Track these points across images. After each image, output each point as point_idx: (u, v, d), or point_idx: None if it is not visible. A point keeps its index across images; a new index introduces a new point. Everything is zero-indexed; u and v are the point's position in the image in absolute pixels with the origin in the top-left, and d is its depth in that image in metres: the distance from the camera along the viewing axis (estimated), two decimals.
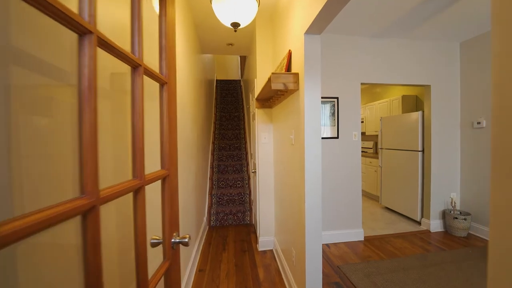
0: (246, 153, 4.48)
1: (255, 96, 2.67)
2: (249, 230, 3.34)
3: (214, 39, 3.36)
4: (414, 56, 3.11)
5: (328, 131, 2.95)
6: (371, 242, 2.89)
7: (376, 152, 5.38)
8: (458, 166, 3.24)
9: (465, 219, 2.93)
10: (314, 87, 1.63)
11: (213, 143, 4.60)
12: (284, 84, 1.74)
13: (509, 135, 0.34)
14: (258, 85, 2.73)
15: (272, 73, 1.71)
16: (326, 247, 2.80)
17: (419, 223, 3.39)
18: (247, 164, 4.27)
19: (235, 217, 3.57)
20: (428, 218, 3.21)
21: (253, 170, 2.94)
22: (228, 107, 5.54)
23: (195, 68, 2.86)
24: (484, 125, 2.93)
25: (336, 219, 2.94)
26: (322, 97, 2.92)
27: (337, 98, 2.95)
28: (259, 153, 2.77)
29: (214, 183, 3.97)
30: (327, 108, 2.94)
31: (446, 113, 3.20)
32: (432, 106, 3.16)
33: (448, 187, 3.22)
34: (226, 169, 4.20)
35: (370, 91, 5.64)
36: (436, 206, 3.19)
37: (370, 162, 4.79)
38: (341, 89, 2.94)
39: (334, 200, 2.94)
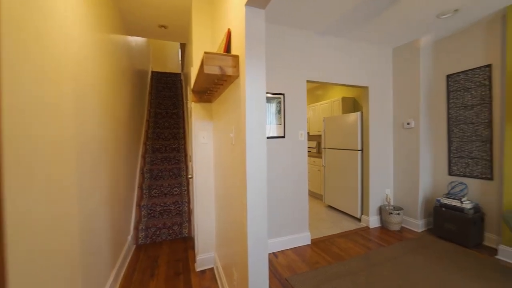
0: (186, 155, 3.94)
1: (191, 87, 2.23)
2: (187, 245, 2.84)
3: (142, 18, 2.76)
4: (355, 57, 3.17)
5: (274, 130, 2.72)
6: (318, 245, 2.79)
7: (319, 152, 5.54)
8: (391, 163, 3.47)
9: (398, 213, 3.12)
10: (258, 73, 1.32)
11: (145, 144, 3.89)
12: (221, 68, 1.37)
13: None
14: (194, 74, 2.29)
15: (205, 53, 1.32)
16: (273, 257, 2.55)
17: (359, 220, 3.51)
18: (187, 168, 3.73)
19: (171, 231, 3.02)
20: (368, 214, 3.33)
21: (190, 175, 2.48)
22: (166, 103, 4.85)
23: (112, 50, 2.23)
24: (413, 126, 3.18)
25: (283, 225, 2.73)
26: (268, 93, 2.67)
27: (283, 94, 2.75)
28: (197, 155, 2.33)
29: (144, 191, 3.31)
30: (273, 105, 2.71)
31: (382, 114, 3.38)
32: (369, 107, 3.29)
33: (383, 184, 3.40)
34: (160, 174, 3.58)
35: (313, 93, 5.80)
36: (374, 203, 3.34)
37: (314, 161, 4.87)
38: (287, 85, 2.76)
39: (281, 205, 2.72)
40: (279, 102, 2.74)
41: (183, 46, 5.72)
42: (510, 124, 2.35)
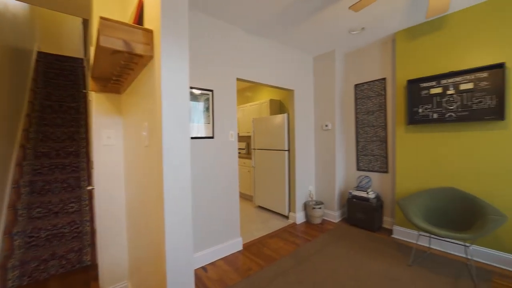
0: (88, 161, 3.14)
1: (92, 73, 1.71)
2: (88, 276, 2.21)
3: None
4: (284, 61, 3.26)
5: (202, 130, 2.45)
6: (250, 249, 2.69)
7: (249, 153, 5.56)
8: (313, 162, 3.76)
9: (320, 207, 3.39)
10: (179, 54, 1.05)
11: (23, 147, 2.87)
12: (127, 44, 1.03)
13: None
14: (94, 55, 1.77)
15: (101, 18, 0.96)
16: (203, 272, 2.27)
17: (287, 217, 3.64)
18: (89, 177, 2.97)
19: (64, 261, 2.29)
20: (294, 211, 3.48)
21: (90, 187, 1.91)
22: (60, 94, 3.78)
23: None
24: (330, 128, 3.52)
25: (213, 234, 2.49)
26: (194, 88, 2.38)
27: (212, 91, 2.52)
28: (100, 160, 1.81)
29: (20, 212, 2.41)
30: (201, 103, 2.44)
31: (305, 116, 3.61)
32: (295, 110, 3.45)
33: (307, 181, 3.65)
34: (48, 187, 2.70)
35: (242, 94, 5.78)
36: (300, 200, 3.53)
37: (244, 163, 4.82)
38: (217, 81, 2.54)
39: (210, 213, 2.47)
40: (207, 99, 2.49)
41: (86, 23, 4.63)
42: (399, 127, 2.88)
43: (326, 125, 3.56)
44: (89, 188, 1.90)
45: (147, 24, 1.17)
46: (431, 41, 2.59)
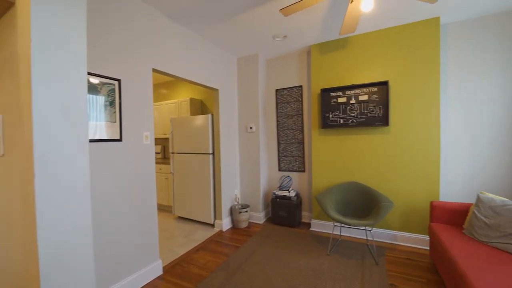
0: None
1: None
2: None
3: None
4: (208, 58, 3.01)
5: (103, 130, 1.88)
6: (173, 271, 2.29)
7: (165, 157, 4.93)
8: (238, 165, 3.68)
9: (246, 211, 3.33)
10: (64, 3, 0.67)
11: None
12: None
13: None
14: None
15: None
16: None
17: (213, 225, 3.39)
18: None
19: None
20: (220, 218, 3.28)
21: None
22: None
23: None
24: (254, 130, 3.53)
25: (123, 263, 1.95)
26: (93, 75, 1.80)
27: (119, 81, 1.99)
28: None
29: None
30: (102, 94, 1.87)
31: (230, 117, 3.49)
32: (220, 110, 3.27)
33: (233, 185, 3.52)
34: None
35: (156, 91, 5.09)
36: (226, 205, 3.36)
37: (160, 169, 4.22)
38: (126, 70, 2.03)
39: (118, 238, 1.93)
40: (112, 91, 1.95)
41: None
42: (314, 130, 3.19)
43: (251, 127, 3.56)
44: None
45: None
46: (338, 57, 3.00)
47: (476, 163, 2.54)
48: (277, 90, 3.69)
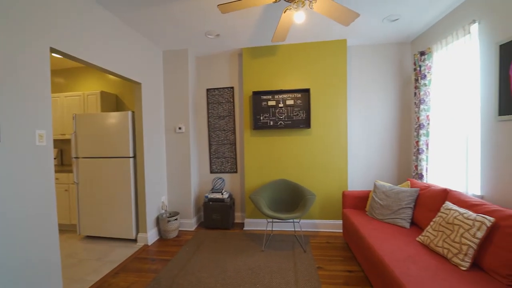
0: None
1: None
2: None
3: None
4: (129, 46, 2.58)
5: None
6: None
7: (64, 164, 3.92)
8: (165, 169, 3.33)
9: (176, 219, 3.05)
10: None
11: None
12: None
13: None
14: None
15: None
16: None
17: (135, 240, 2.92)
18: None
19: None
20: (145, 231, 2.87)
21: None
22: None
23: None
24: (184, 131, 3.29)
25: None
26: None
27: None
28: None
29: None
30: None
31: (155, 116, 3.12)
32: (143, 108, 2.87)
33: (159, 192, 3.16)
34: None
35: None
36: (151, 215, 2.97)
37: (57, 178, 3.31)
38: (5, 42, 1.48)
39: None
40: None
41: None
42: (246, 131, 3.28)
43: (180, 128, 3.30)
44: None
45: None
46: (269, 63, 3.19)
47: (371, 158, 3.24)
48: (208, 90, 3.58)
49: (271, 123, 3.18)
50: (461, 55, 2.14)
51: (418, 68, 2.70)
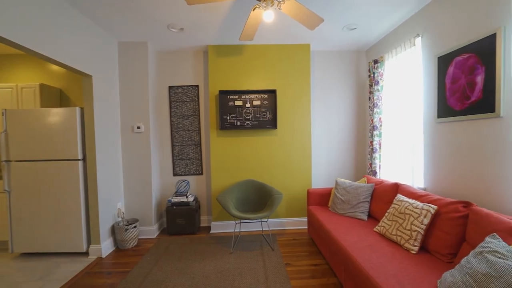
0: None
1: None
2: None
3: None
4: (78, 33, 2.27)
5: None
6: None
7: None
8: (121, 172, 3.03)
9: (135, 226, 2.79)
10: None
11: None
12: None
13: None
14: None
15: None
16: None
17: (86, 253, 2.58)
18: None
19: None
20: (98, 242, 2.55)
21: None
22: None
23: None
24: (143, 130, 3.04)
25: None
26: None
27: None
28: None
29: None
30: None
31: (109, 113, 2.81)
32: (94, 103, 2.56)
33: (115, 198, 2.85)
34: None
35: None
36: (105, 224, 2.66)
37: None
38: None
39: None
40: None
41: None
42: (212, 131, 3.18)
43: (138, 127, 3.03)
44: None
45: None
46: (236, 62, 3.16)
47: (332, 157, 3.45)
48: (170, 87, 3.38)
49: (238, 123, 3.15)
50: (408, 65, 2.43)
51: (372, 75, 2.97)
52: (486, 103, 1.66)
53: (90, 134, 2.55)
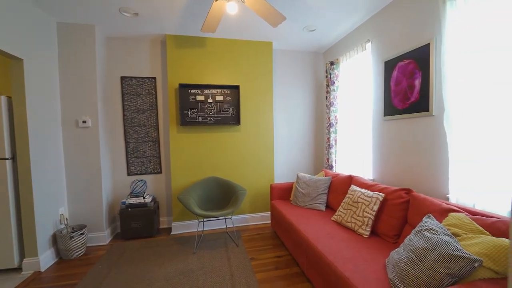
0: None
1: None
2: None
3: None
4: (3, 6, 1.88)
5: None
6: None
7: None
8: (63, 172, 2.65)
9: (82, 233, 2.48)
10: None
11: None
12: None
13: None
14: None
15: None
16: None
17: (19, 269, 2.19)
18: None
19: None
20: (36, 254, 2.19)
21: None
22: None
23: None
24: (90, 125, 2.70)
25: None
26: None
27: None
28: None
29: None
30: None
31: (45, 105, 2.42)
32: (27, 92, 2.17)
33: (56, 202, 2.48)
34: None
35: None
36: (44, 233, 2.30)
37: None
38: None
39: None
40: None
41: None
42: (172, 127, 3.01)
43: (84, 121, 2.69)
44: None
45: None
46: (197, 55, 3.02)
47: (293, 152, 3.60)
48: (123, 78, 3.07)
49: (200, 119, 3.04)
50: (360, 67, 2.66)
51: (329, 76, 3.18)
52: (422, 104, 1.92)
53: (21, 128, 2.16)
